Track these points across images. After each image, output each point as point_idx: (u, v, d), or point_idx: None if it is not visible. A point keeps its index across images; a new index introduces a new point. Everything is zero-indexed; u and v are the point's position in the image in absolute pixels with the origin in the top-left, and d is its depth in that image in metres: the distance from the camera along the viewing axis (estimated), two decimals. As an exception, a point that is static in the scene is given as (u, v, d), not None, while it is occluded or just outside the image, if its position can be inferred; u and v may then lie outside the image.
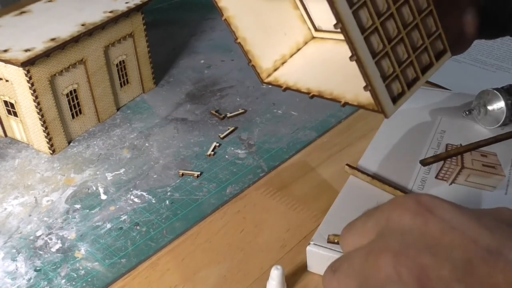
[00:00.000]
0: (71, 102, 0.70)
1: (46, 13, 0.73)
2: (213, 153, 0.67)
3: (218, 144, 0.68)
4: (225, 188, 0.61)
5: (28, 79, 0.63)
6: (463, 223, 0.30)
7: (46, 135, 0.67)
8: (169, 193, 0.61)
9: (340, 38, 0.51)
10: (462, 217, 0.30)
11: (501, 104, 0.61)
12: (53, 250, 0.55)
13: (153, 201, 0.60)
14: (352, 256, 0.32)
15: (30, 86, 0.64)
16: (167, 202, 0.60)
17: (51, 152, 0.68)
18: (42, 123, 0.66)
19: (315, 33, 0.56)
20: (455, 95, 0.69)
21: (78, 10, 0.73)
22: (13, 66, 0.63)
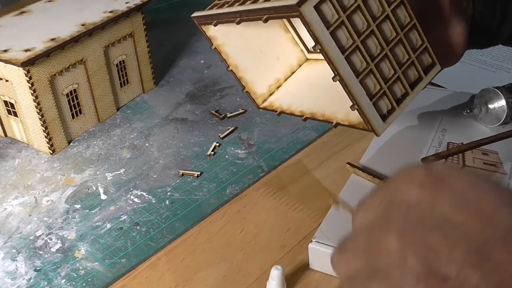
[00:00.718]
0: (71, 102, 0.70)
1: (46, 13, 0.73)
2: (213, 153, 0.67)
3: (218, 144, 0.68)
4: (225, 188, 0.61)
5: (28, 79, 0.63)
6: (480, 197, 0.25)
7: (46, 135, 0.67)
8: (169, 193, 0.61)
9: None
10: (479, 191, 0.26)
11: (502, 102, 0.61)
12: (53, 250, 0.55)
13: (153, 201, 0.60)
14: (358, 234, 0.29)
15: (30, 86, 0.64)
16: (167, 202, 0.60)
17: (51, 152, 0.68)
18: (42, 123, 0.66)
19: (308, 55, 0.55)
20: (456, 94, 0.69)
21: (78, 10, 0.73)
22: (13, 66, 0.63)
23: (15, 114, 0.69)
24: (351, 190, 0.55)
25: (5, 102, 0.69)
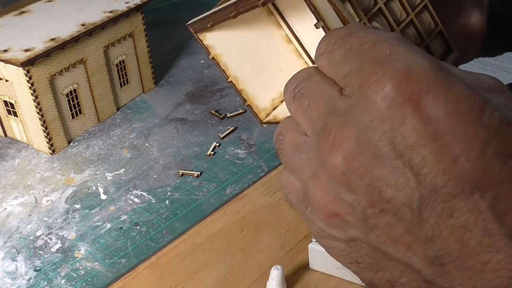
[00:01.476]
0: (71, 102, 0.70)
1: (46, 13, 0.73)
2: (213, 153, 0.67)
3: (218, 144, 0.68)
4: (225, 188, 0.61)
5: (28, 79, 0.63)
6: (454, 131, 0.22)
7: (46, 135, 0.67)
8: (169, 193, 0.61)
9: None
10: (460, 123, 0.22)
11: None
12: (53, 250, 0.55)
13: (153, 201, 0.60)
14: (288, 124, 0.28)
15: (30, 86, 0.64)
16: (167, 202, 0.60)
17: (51, 152, 0.68)
18: (42, 123, 0.66)
19: (312, 65, 0.54)
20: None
21: (78, 10, 0.73)
22: (13, 66, 0.63)
23: (15, 114, 0.69)
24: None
25: (5, 102, 0.69)
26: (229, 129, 0.71)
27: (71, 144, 0.71)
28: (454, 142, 0.22)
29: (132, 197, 0.61)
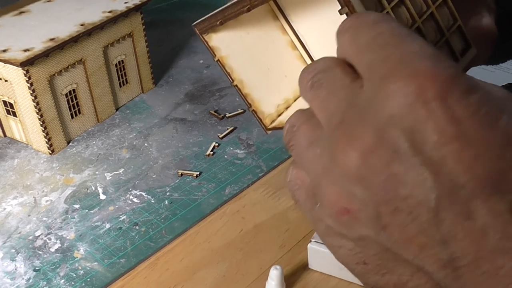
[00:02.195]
0: (70, 102, 0.70)
1: (45, 13, 0.73)
2: (212, 153, 0.67)
3: (217, 144, 0.68)
4: (224, 188, 0.61)
5: (27, 79, 0.63)
6: (476, 132, 0.22)
7: (45, 135, 0.67)
8: (168, 193, 0.61)
9: None
10: (481, 126, 0.22)
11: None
12: (52, 250, 0.55)
13: (152, 201, 0.60)
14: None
15: (29, 86, 0.64)
16: (166, 202, 0.60)
17: (50, 152, 0.68)
18: (41, 123, 0.66)
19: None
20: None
21: (77, 10, 0.73)
22: (12, 66, 0.63)
23: (14, 114, 0.69)
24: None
25: (4, 102, 0.69)
26: (228, 129, 0.71)
27: (70, 144, 0.71)
28: (475, 143, 0.22)
29: (131, 197, 0.61)
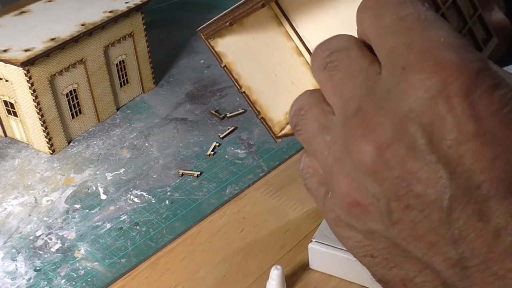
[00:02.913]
0: (71, 102, 0.70)
1: (45, 13, 0.73)
2: (213, 153, 0.67)
3: (218, 144, 0.68)
4: (225, 188, 0.61)
5: (28, 79, 0.63)
6: (495, 132, 0.21)
7: (46, 135, 0.67)
8: (169, 193, 0.61)
9: None
10: (501, 125, 0.21)
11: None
12: (53, 250, 0.55)
13: (153, 201, 0.60)
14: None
15: (30, 86, 0.64)
16: (167, 202, 0.60)
17: (51, 152, 0.68)
18: (42, 123, 0.66)
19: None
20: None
21: (78, 10, 0.73)
22: (13, 66, 0.63)
23: (15, 114, 0.69)
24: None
25: (5, 102, 0.69)
26: (229, 129, 0.71)
27: (71, 144, 0.71)
28: (494, 143, 0.21)
29: (132, 197, 0.61)
